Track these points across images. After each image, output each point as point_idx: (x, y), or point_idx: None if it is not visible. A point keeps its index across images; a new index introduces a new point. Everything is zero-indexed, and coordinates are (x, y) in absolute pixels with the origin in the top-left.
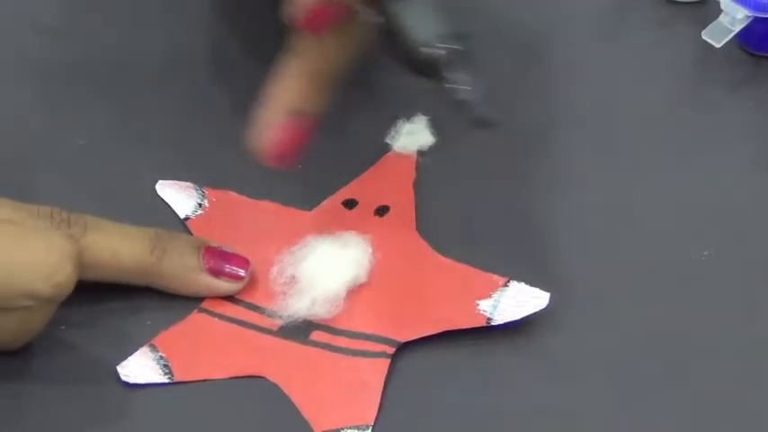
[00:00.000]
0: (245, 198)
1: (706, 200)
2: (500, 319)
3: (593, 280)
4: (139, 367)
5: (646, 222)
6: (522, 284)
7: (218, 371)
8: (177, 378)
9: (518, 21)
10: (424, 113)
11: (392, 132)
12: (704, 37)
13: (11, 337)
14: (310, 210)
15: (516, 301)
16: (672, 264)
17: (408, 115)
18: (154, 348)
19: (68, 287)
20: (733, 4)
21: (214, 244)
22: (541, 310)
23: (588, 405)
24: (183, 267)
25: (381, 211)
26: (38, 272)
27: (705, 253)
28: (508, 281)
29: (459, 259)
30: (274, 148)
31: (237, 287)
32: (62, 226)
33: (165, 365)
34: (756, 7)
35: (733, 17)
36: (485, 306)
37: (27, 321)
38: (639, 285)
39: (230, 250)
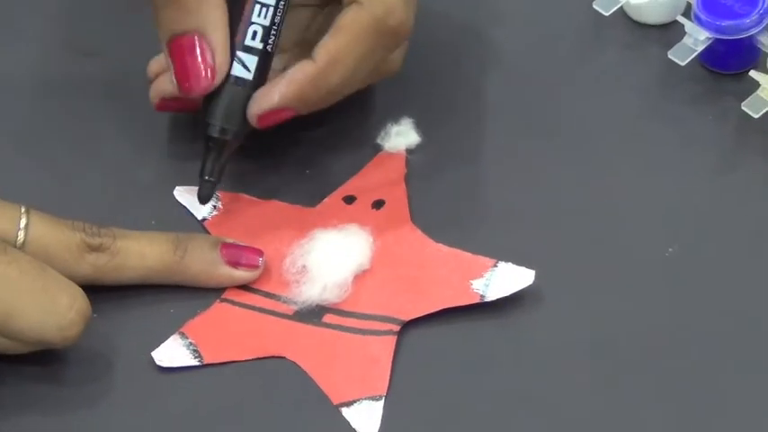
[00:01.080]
0: (254, 199)
1: (671, 202)
2: (492, 295)
3: (572, 270)
4: (172, 352)
5: (617, 221)
6: (510, 264)
7: (243, 353)
8: (206, 361)
9: (504, 42)
10: (410, 116)
11: (383, 134)
12: (670, 56)
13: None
14: (314, 206)
15: (505, 279)
16: (641, 258)
17: (396, 119)
18: (183, 335)
19: (74, 341)
20: (696, 27)
21: (229, 240)
22: (528, 288)
23: (563, 378)
24: (204, 262)
25: (378, 204)
26: (55, 322)
27: (670, 249)
28: (497, 262)
29: (450, 244)
30: (260, 121)
31: (255, 275)
32: (94, 236)
33: (195, 350)
34: (717, 30)
35: (696, 39)
36: (478, 285)
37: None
38: (612, 276)
39: (244, 244)
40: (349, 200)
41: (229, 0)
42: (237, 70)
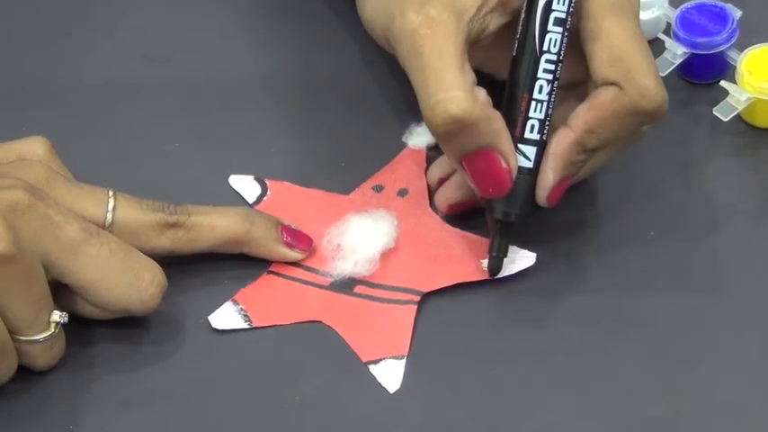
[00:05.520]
0: (298, 187)
1: (653, 192)
2: (500, 274)
3: (568, 250)
4: (226, 317)
5: (607, 209)
6: (515, 247)
7: (286, 318)
8: (255, 324)
9: None
10: None
11: (407, 133)
12: None
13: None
14: (348, 194)
15: (511, 259)
16: (626, 240)
17: (418, 120)
18: (236, 302)
19: (153, 310)
20: (674, 43)
21: (285, 222)
22: (529, 268)
23: (560, 341)
24: (266, 237)
25: (402, 192)
26: (138, 295)
27: (651, 233)
28: None
29: (463, 228)
30: (550, 201)
31: (303, 256)
32: (171, 214)
33: (245, 315)
34: (692, 46)
35: (674, 53)
36: (487, 264)
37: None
38: (602, 256)
39: (297, 228)
40: (378, 188)
41: (505, 100)
42: (519, 161)
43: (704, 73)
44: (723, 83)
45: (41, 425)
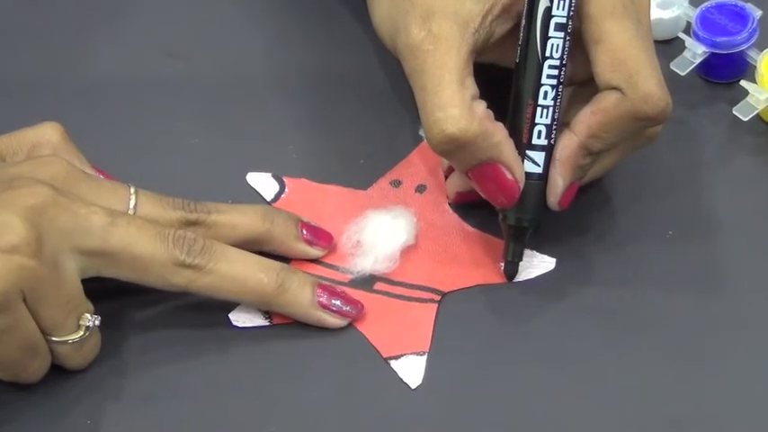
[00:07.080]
0: (315, 183)
1: (671, 192)
2: (519, 278)
3: (586, 252)
4: (246, 314)
5: (626, 209)
6: (535, 252)
7: None
8: (275, 321)
9: None
10: None
11: (422, 127)
12: (672, 67)
13: None
14: (365, 189)
15: (531, 265)
16: (644, 239)
17: None
18: None
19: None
20: (694, 42)
21: (305, 219)
22: (548, 272)
23: (579, 339)
24: (287, 234)
25: (420, 188)
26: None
27: (670, 232)
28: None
29: (482, 229)
30: (562, 205)
31: (323, 253)
32: (192, 212)
33: (265, 312)
34: (712, 45)
35: (694, 52)
36: (503, 269)
37: None
38: (620, 255)
39: (316, 225)
40: (395, 183)
41: (511, 107)
42: (528, 167)
43: (724, 72)
44: (743, 82)
45: (60, 419)
